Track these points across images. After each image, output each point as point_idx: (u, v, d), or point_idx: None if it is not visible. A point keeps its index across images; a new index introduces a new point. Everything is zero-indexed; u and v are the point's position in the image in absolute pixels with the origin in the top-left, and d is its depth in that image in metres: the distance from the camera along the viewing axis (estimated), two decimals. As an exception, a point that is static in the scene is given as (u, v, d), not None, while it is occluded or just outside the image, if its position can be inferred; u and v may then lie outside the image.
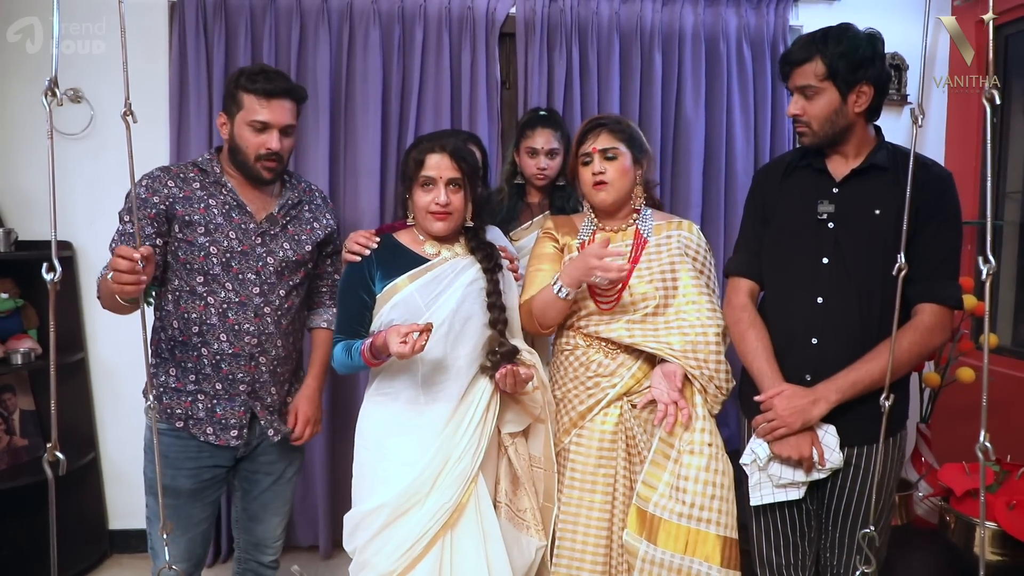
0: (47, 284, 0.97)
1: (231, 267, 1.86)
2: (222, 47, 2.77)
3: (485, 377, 1.84)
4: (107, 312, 1.81)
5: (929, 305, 1.69)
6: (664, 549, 1.74)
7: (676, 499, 1.75)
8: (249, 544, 2.12)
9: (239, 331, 1.87)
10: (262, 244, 1.91)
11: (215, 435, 1.90)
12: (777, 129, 3.11)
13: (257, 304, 1.89)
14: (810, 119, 1.73)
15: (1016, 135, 3.08)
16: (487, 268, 1.88)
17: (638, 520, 1.78)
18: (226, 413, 1.90)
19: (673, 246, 1.90)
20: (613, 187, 1.90)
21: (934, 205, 1.67)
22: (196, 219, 1.84)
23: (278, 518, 2.10)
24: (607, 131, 1.91)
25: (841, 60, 1.66)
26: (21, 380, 2.81)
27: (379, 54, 2.84)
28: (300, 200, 2.01)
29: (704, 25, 3.02)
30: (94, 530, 2.95)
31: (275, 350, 1.93)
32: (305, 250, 1.97)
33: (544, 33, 2.92)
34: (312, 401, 2.07)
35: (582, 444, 1.89)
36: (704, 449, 1.77)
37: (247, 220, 1.89)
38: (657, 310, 1.84)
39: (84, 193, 2.80)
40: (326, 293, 2.13)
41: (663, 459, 1.79)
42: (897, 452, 1.78)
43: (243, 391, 1.90)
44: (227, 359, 1.87)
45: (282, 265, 1.93)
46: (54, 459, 0.98)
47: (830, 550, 1.80)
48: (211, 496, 1.97)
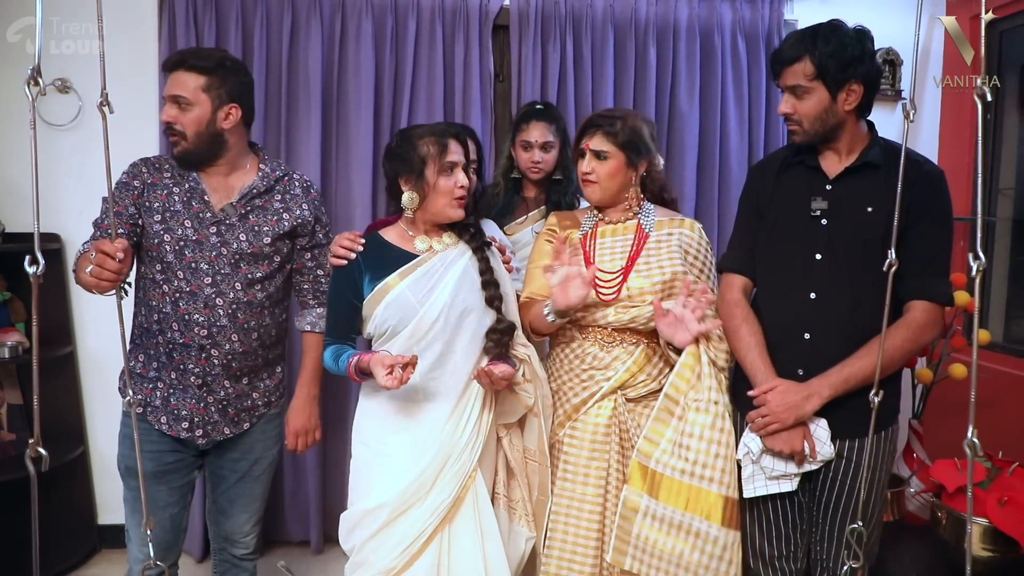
0: (30, 277, 0.96)
1: (184, 255, 1.83)
2: (212, 39, 2.74)
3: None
4: (96, 305, 1.81)
5: (920, 302, 1.70)
6: (666, 504, 1.74)
7: (679, 456, 1.74)
8: (220, 537, 2.10)
9: (188, 321, 1.83)
10: (216, 234, 1.85)
11: (168, 424, 1.88)
12: (771, 123, 3.10)
13: (208, 295, 1.83)
14: (801, 118, 1.74)
15: (1010, 131, 3.08)
16: (475, 247, 1.86)
17: (639, 475, 1.77)
18: (179, 404, 1.88)
19: (673, 244, 1.89)
20: (600, 186, 1.91)
21: (925, 203, 1.69)
22: (156, 206, 1.84)
23: (246, 515, 2.06)
24: (601, 133, 1.90)
25: (830, 60, 1.67)
26: (8, 374, 2.79)
27: (371, 46, 2.82)
28: (270, 188, 1.93)
29: (699, 18, 3.01)
30: (83, 525, 2.93)
31: (229, 344, 1.86)
32: (263, 242, 1.88)
33: (538, 25, 2.90)
34: (302, 412, 2.04)
35: (575, 437, 1.88)
36: (711, 407, 1.76)
37: (204, 209, 1.86)
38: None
39: (72, 185, 2.77)
40: (309, 292, 2.04)
41: (667, 415, 1.78)
42: (888, 446, 1.80)
43: (194, 383, 1.87)
44: (178, 348, 1.85)
45: (236, 257, 1.86)
46: (36, 455, 0.97)
47: (820, 543, 1.82)
48: (177, 481, 1.94)
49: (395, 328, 1.77)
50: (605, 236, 1.94)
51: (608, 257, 1.91)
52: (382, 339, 1.80)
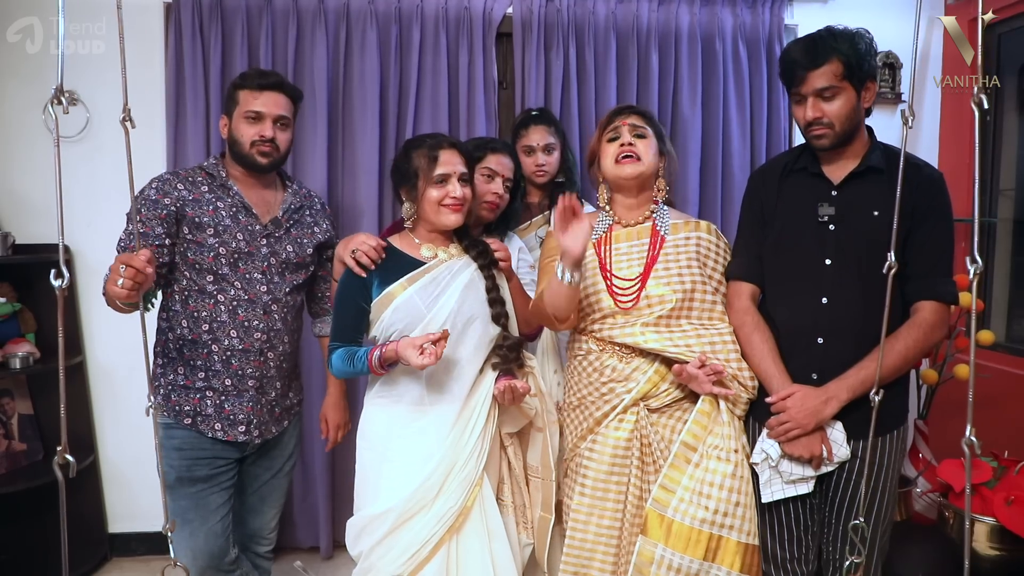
0: (55, 290, 0.98)
1: (238, 267, 1.94)
2: (218, 49, 2.76)
3: (488, 377, 1.85)
4: (105, 315, 1.83)
5: (929, 302, 1.72)
6: (683, 554, 1.72)
7: (699, 504, 1.73)
8: (244, 537, 2.16)
9: (248, 327, 1.95)
10: (267, 245, 1.99)
11: (223, 431, 1.95)
12: (773, 128, 3.12)
13: (265, 301, 1.97)
14: (832, 120, 1.72)
15: (1009, 133, 3.10)
16: (483, 265, 1.89)
17: (656, 524, 1.75)
18: (234, 409, 1.96)
19: (691, 250, 1.87)
20: (642, 162, 1.85)
21: (928, 206, 1.71)
22: (206, 220, 1.91)
23: (274, 510, 2.20)
24: (637, 114, 1.91)
25: (855, 58, 1.68)
26: (19, 384, 2.80)
27: (376, 55, 2.84)
28: (302, 205, 2.10)
29: (700, 24, 3.03)
30: (94, 533, 2.94)
31: (282, 346, 2.02)
32: (307, 252, 2.07)
33: (541, 33, 2.93)
34: (338, 407, 2.23)
35: (595, 451, 1.84)
36: (731, 456, 1.75)
37: (253, 222, 1.97)
38: (672, 313, 1.80)
39: (81, 196, 2.79)
40: (329, 299, 2.16)
41: (683, 463, 1.76)
42: (900, 445, 1.81)
43: (251, 386, 1.97)
44: (237, 355, 1.94)
45: (283, 266, 2.01)
46: (64, 462, 0.99)
47: (832, 543, 1.82)
48: (227, 482, 2.01)
49: (402, 332, 1.79)
50: (620, 241, 1.90)
51: (625, 263, 1.87)
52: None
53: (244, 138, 1.94)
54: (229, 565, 2.01)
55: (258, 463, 2.11)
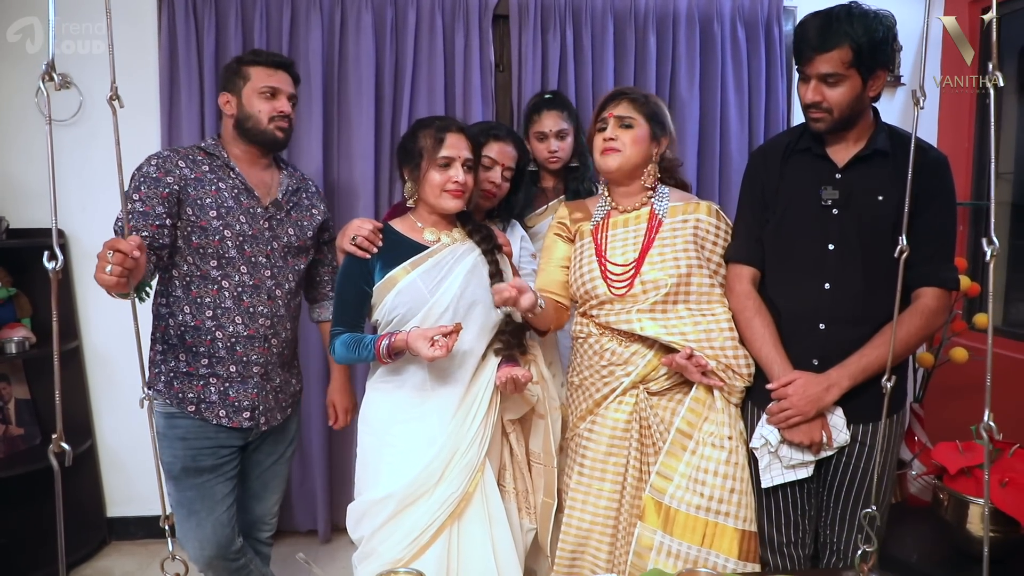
0: (49, 273, 0.96)
1: (244, 250, 1.91)
2: (212, 32, 2.74)
3: (490, 364, 1.84)
4: (101, 300, 1.81)
5: (931, 289, 1.70)
6: (681, 540, 1.73)
7: (694, 491, 1.74)
8: (246, 524, 2.15)
9: (254, 313, 1.93)
10: (269, 228, 1.97)
11: (228, 417, 1.93)
12: (771, 110, 3.11)
13: (270, 287, 1.95)
14: (832, 106, 1.68)
15: (1008, 116, 3.09)
16: (486, 250, 1.88)
17: (654, 511, 1.76)
18: (239, 395, 1.94)
19: (688, 233, 1.83)
20: (622, 155, 1.83)
21: (932, 189, 1.68)
22: (208, 202, 1.87)
23: (276, 495, 2.20)
24: (628, 100, 1.87)
25: (867, 46, 1.62)
26: (16, 369, 2.80)
27: (371, 37, 2.82)
28: (299, 187, 2.09)
29: (698, 6, 3.01)
30: (92, 517, 2.96)
31: (284, 332, 2.02)
32: (307, 235, 2.06)
33: (538, 15, 2.90)
34: (344, 391, 2.24)
35: (594, 432, 1.86)
36: (725, 442, 1.76)
37: (255, 204, 1.95)
38: (667, 298, 1.79)
39: (75, 180, 2.77)
40: (328, 283, 2.17)
41: (679, 450, 1.77)
42: (899, 428, 1.81)
43: (256, 372, 1.96)
44: (242, 341, 1.92)
45: (286, 249, 2.00)
46: (60, 451, 0.97)
47: (830, 527, 1.82)
48: (231, 471, 2.00)
49: (404, 316, 1.79)
50: (616, 227, 1.89)
51: (620, 248, 1.86)
52: (390, 327, 1.81)
53: (261, 113, 1.92)
54: (235, 554, 2.01)
55: (261, 449, 2.10)
